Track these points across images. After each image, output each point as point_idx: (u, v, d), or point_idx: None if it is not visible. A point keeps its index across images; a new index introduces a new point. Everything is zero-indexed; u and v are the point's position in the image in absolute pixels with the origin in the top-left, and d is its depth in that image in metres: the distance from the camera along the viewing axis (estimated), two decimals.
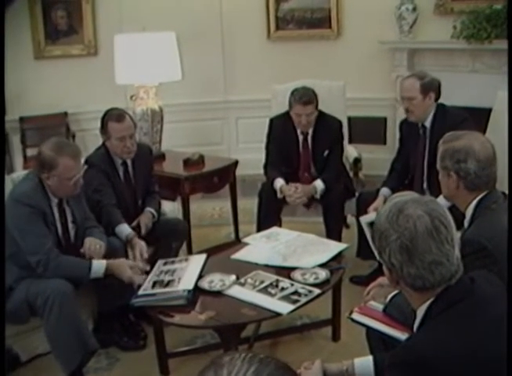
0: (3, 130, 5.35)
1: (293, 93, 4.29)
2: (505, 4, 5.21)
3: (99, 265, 3.15)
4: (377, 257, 1.81)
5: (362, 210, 3.92)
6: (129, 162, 3.84)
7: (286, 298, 2.92)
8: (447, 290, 1.71)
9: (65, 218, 3.30)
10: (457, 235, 1.75)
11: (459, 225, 2.09)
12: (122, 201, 3.78)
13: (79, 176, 3.18)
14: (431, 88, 3.88)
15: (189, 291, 2.98)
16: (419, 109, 3.89)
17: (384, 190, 3.99)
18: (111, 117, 3.70)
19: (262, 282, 3.08)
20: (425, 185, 3.97)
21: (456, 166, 2.38)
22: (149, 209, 3.86)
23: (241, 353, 1.13)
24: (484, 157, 2.38)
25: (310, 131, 4.37)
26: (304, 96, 4.22)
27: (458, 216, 2.17)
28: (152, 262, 3.52)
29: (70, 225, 3.33)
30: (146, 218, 3.78)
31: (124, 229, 3.59)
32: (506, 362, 1.59)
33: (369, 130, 6.24)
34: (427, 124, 3.94)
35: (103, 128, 3.72)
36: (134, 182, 3.87)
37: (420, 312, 1.76)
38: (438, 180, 2.53)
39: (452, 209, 2.17)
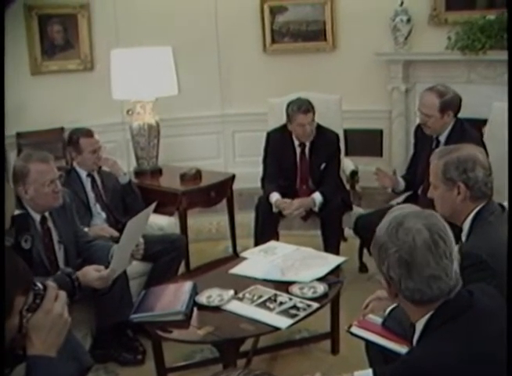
0: (3, 139, 5.34)
1: (289, 105, 4.30)
2: (498, 15, 5.24)
3: None
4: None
5: (361, 233, 4.00)
6: (96, 175, 4.03)
7: (284, 313, 2.91)
8: (446, 303, 1.71)
9: (50, 238, 3.25)
10: (456, 249, 1.75)
11: (457, 239, 2.09)
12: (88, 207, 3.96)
13: (55, 179, 3.16)
14: (450, 106, 3.80)
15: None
16: (435, 125, 3.84)
17: (400, 180, 4.14)
18: (81, 134, 3.96)
19: (260, 297, 3.07)
20: None
21: (463, 176, 2.37)
22: None
23: (238, 370, 1.14)
24: (487, 163, 2.41)
25: (308, 144, 4.38)
26: (304, 105, 4.24)
27: (454, 230, 2.17)
28: (151, 279, 3.51)
29: (56, 245, 3.29)
30: None
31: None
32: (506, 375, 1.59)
33: (366, 142, 6.24)
34: (442, 138, 3.86)
35: (72, 145, 3.96)
36: (103, 191, 4.02)
37: (419, 325, 1.77)
38: None
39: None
